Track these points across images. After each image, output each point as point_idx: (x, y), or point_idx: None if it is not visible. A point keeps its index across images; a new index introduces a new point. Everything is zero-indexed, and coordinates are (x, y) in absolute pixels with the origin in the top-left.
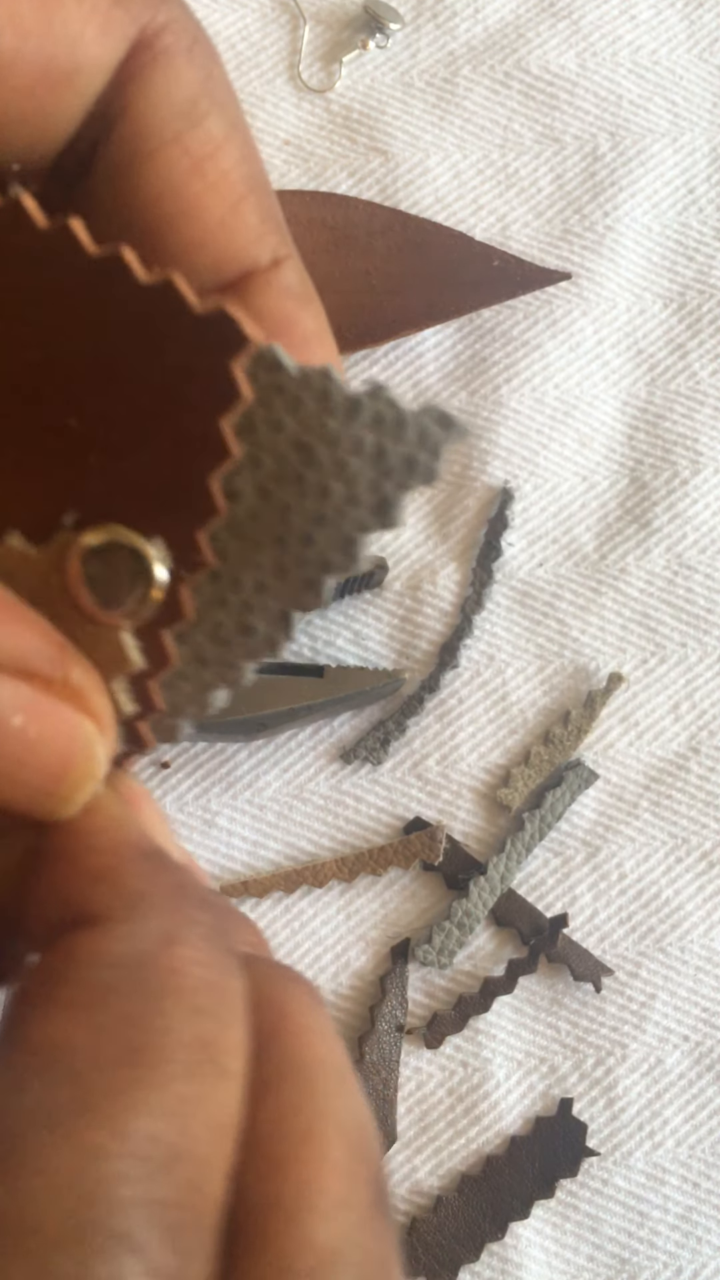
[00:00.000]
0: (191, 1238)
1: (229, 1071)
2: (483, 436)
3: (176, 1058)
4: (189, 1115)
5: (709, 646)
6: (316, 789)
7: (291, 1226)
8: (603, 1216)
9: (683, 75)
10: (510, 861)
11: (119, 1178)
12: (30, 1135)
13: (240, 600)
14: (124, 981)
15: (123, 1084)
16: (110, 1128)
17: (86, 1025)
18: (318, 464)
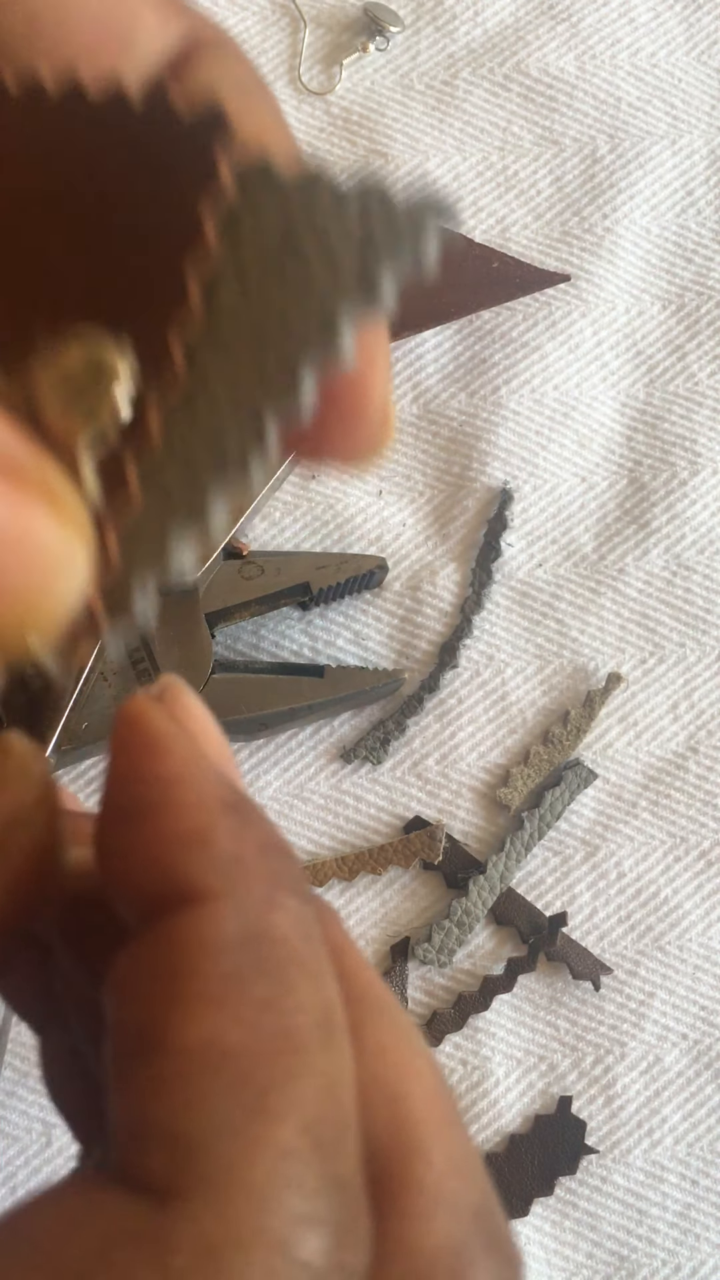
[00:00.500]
0: (357, 1199)
1: (344, 1027)
2: (482, 438)
3: (315, 1033)
4: (340, 1086)
5: (707, 646)
6: (317, 788)
7: (419, 1158)
8: (602, 1214)
9: (681, 78)
10: (509, 860)
11: (304, 1168)
12: (221, 1148)
13: (215, 419)
14: (249, 964)
15: (283, 1075)
16: (289, 1122)
17: (234, 1020)
18: (302, 255)
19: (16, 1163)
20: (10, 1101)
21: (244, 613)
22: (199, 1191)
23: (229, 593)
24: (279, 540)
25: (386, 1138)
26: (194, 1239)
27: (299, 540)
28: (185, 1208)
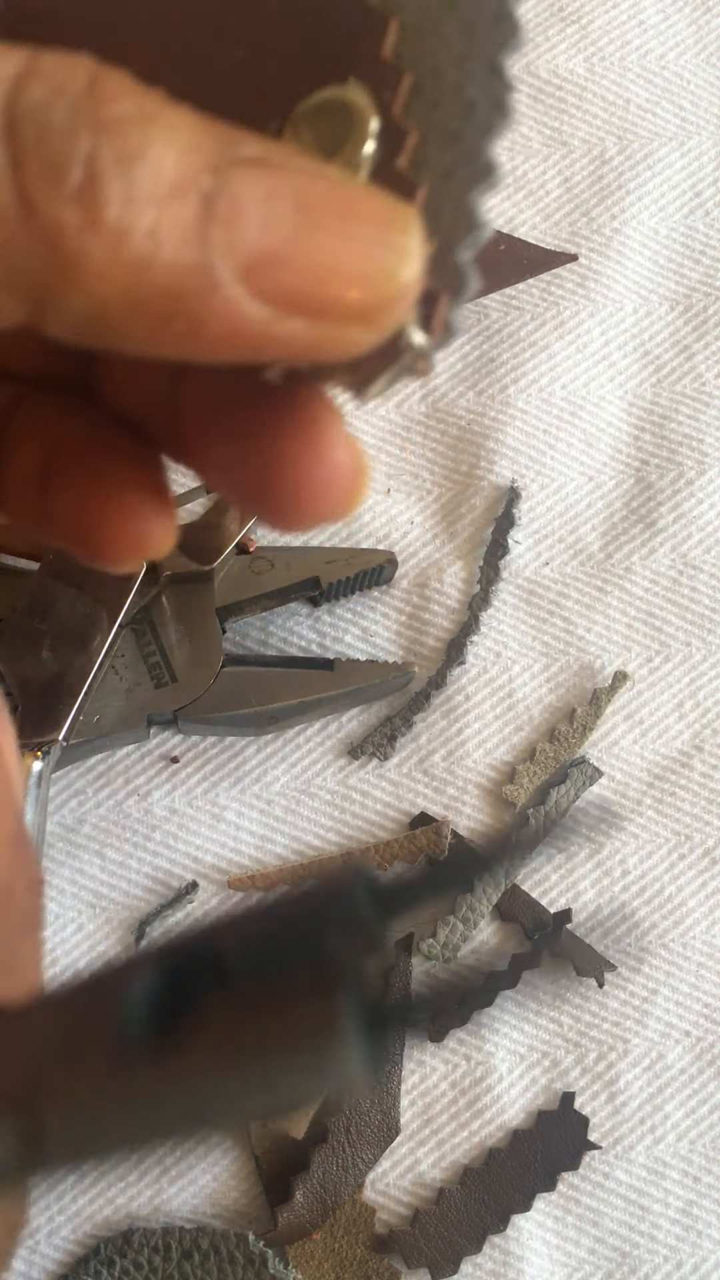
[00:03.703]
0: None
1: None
2: (490, 436)
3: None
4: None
5: (713, 645)
6: (324, 784)
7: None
8: (604, 1210)
9: (690, 80)
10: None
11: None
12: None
13: (449, 86)
14: None
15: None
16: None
17: None
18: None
19: None
20: None
21: (254, 608)
22: None
23: (239, 588)
24: (287, 538)
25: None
26: None
27: (307, 538)
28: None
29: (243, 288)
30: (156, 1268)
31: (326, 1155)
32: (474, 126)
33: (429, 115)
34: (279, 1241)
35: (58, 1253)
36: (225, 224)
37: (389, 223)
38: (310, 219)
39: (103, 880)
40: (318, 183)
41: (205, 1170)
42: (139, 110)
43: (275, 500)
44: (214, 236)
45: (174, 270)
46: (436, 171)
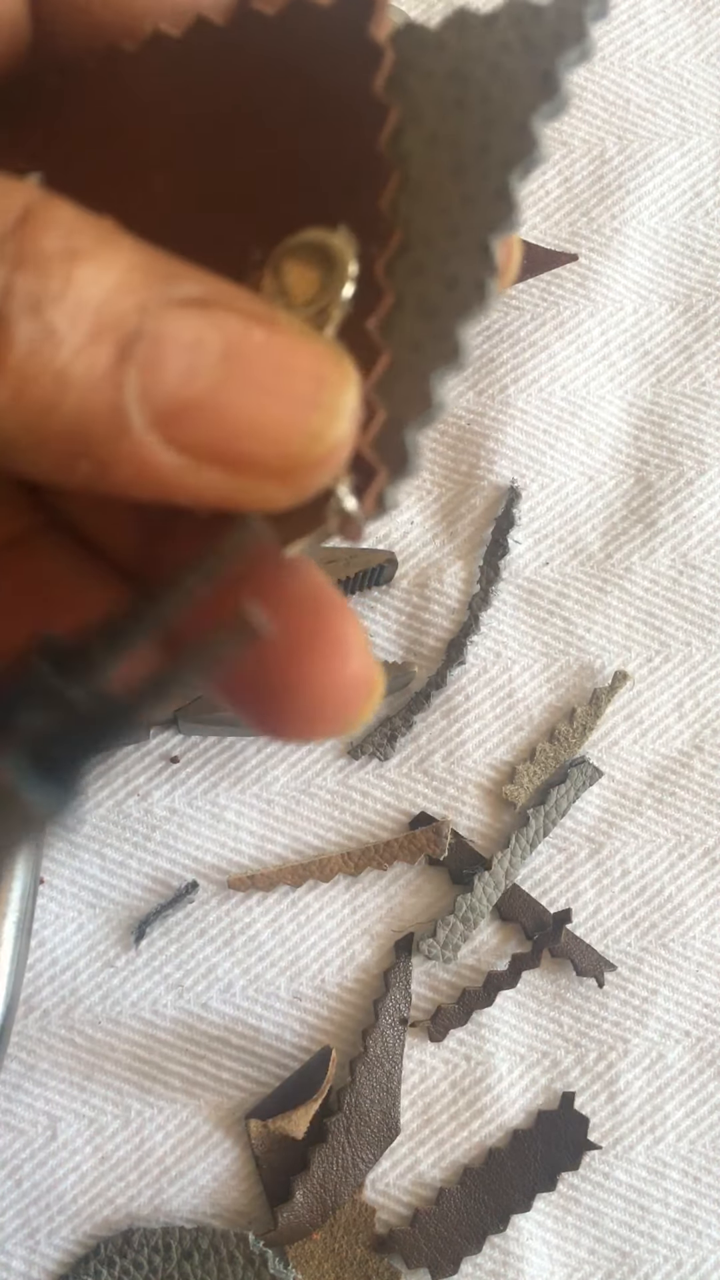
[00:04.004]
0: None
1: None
2: (490, 436)
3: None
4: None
5: (713, 645)
6: (324, 784)
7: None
8: (604, 1210)
9: (690, 80)
10: (515, 857)
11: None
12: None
13: (436, 255)
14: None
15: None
16: None
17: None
18: (474, 80)
19: (22, 1155)
20: (15, 1095)
21: None
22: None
23: None
24: None
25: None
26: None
27: None
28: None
29: (156, 435)
30: (156, 1268)
31: (326, 1155)
32: (452, 304)
33: (411, 281)
34: (279, 1241)
35: (58, 1253)
36: (143, 369)
37: (323, 381)
38: (236, 370)
39: (103, 880)
40: (254, 331)
41: (205, 1170)
42: (67, 247)
43: (271, 708)
44: (129, 381)
45: (82, 413)
46: (405, 341)
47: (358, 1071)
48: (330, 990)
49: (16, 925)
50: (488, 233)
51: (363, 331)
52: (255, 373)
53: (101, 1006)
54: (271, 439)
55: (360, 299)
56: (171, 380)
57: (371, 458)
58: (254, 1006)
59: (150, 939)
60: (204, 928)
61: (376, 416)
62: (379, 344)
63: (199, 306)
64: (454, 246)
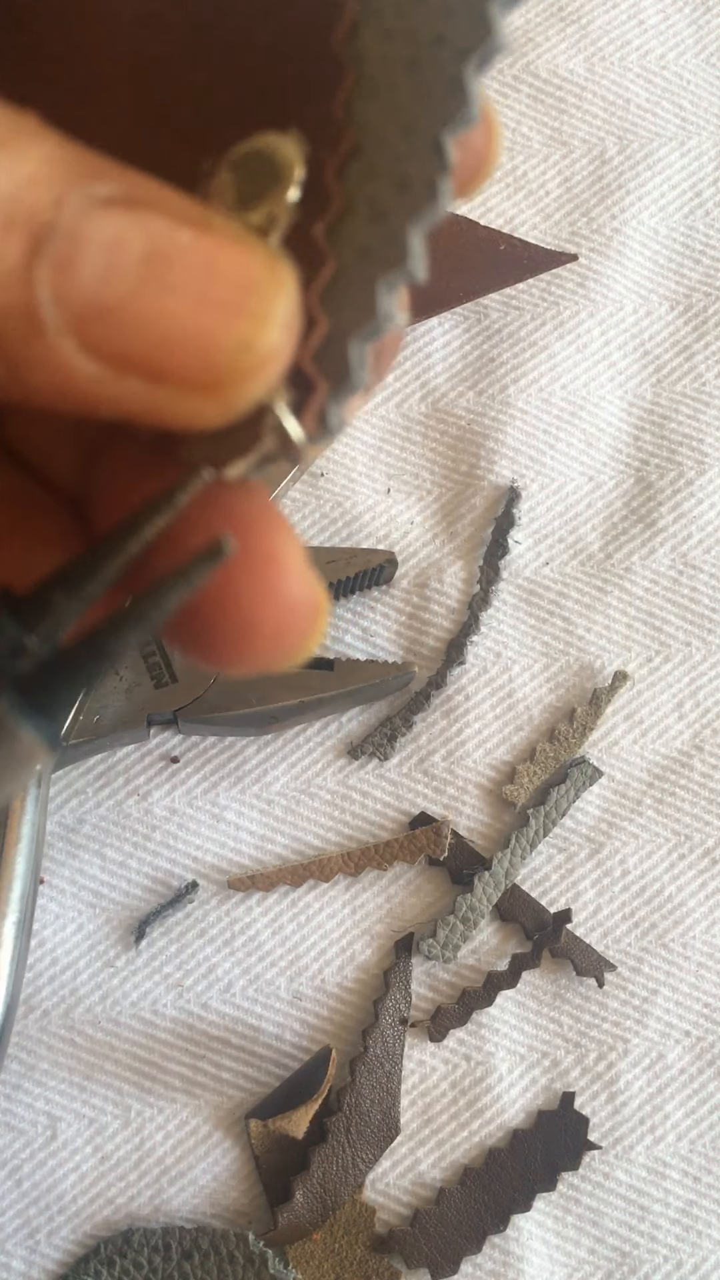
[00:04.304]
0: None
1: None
2: (490, 436)
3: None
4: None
5: (713, 645)
6: (324, 784)
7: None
8: (604, 1210)
9: (690, 80)
10: (515, 857)
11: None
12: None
13: (389, 157)
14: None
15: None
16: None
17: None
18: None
19: (22, 1155)
20: (15, 1095)
21: None
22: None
23: None
24: None
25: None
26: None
27: (307, 538)
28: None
29: (72, 339)
30: (156, 1268)
31: (326, 1155)
32: (402, 206)
33: (364, 185)
34: (279, 1241)
35: (58, 1253)
36: (57, 267)
37: (253, 286)
38: (158, 272)
39: (103, 880)
40: (181, 232)
41: (205, 1170)
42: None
43: (207, 635)
44: (41, 278)
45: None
46: (354, 247)
47: (358, 1071)
48: (330, 990)
49: (16, 925)
50: (440, 128)
51: (309, 238)
52: (179, 276)
53: (101, 1006)
54: (196, 347)
55: (309, 205)
56: (88, 281)
57: (311, 371)
58: (254, 1006)
59: (150, 939)
60: (204, 928)
61: (318, 327)
62: (324, 250)
63: (122, 205)
64: (407, 146)
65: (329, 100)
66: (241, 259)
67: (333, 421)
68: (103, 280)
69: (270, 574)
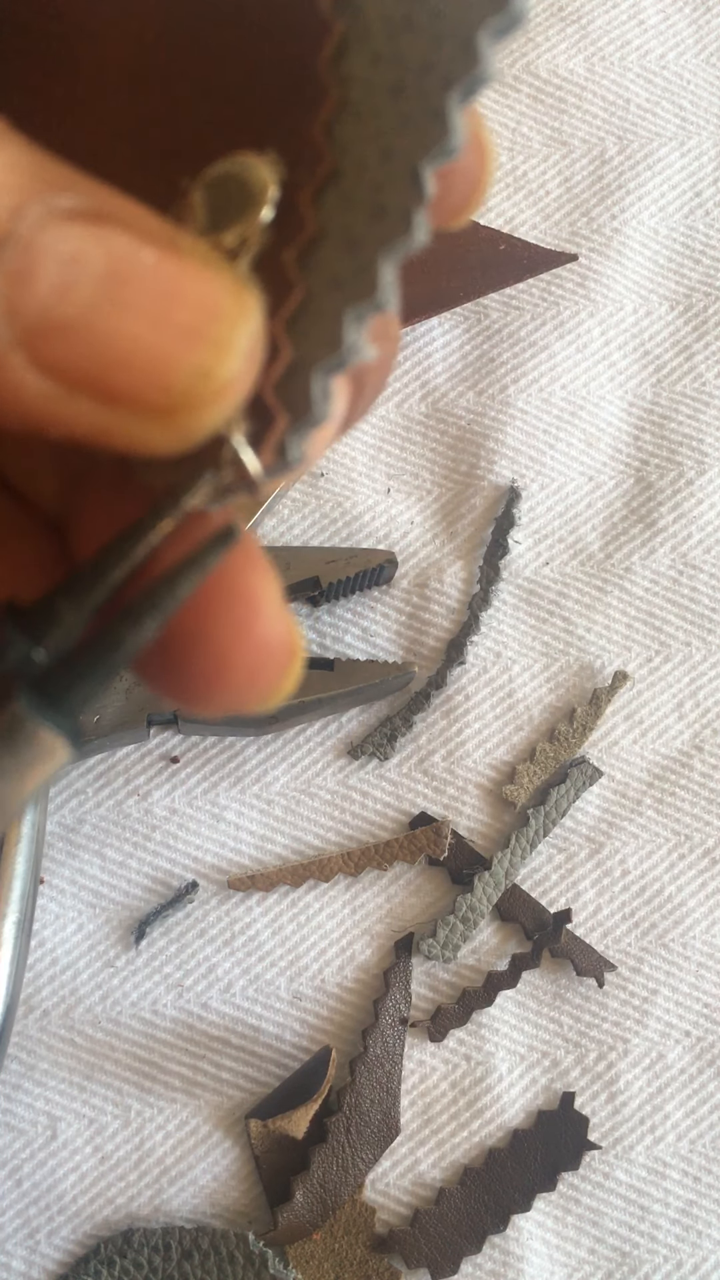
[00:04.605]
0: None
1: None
2: (490, 436)
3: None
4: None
5: (713, 645)
6: (324, 784)
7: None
8: (604, 1210)
9: (690, 80)
10: (515, 857)
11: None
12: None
13: (367, 184)
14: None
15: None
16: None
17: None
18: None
19: (22, 1155)
20: (15, 1095)
21: None
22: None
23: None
24: (287, 538)
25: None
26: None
27: (307, 538)
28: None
29: (22, 354)
30: (156, 1268)
31: (326, 1155)
32: (376, 235)
33: (340, 212)
34: (279, 1241)
35: (58, 1253)
36: (11, 277)
37: (215, 313)
38: (117, 291)
39: (103, 880)
40: (144, 251)
41: (205, 1170)
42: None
43: (178, 675)
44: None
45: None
46: (326, 276)
47: (358, 1071)
48: (330, 990)
49: (16, 925)
50: (419, 158)
51: (279, 264)
52: (138, 297)
53: (101, 1006)
54: (151, 372)
55: (282, 229)
56: (42, 294)
57: (272, 402)
58: (254, 1006)
59: (150, 939)
60: (204, 928)
61: (282, 356)
62: (293, 276)
63: (85, 219)
64: (385, 174)
65: (309, 122)
66: (206, 283)
67: (292, 455)
68: (58, 295)
69: (244, 613)
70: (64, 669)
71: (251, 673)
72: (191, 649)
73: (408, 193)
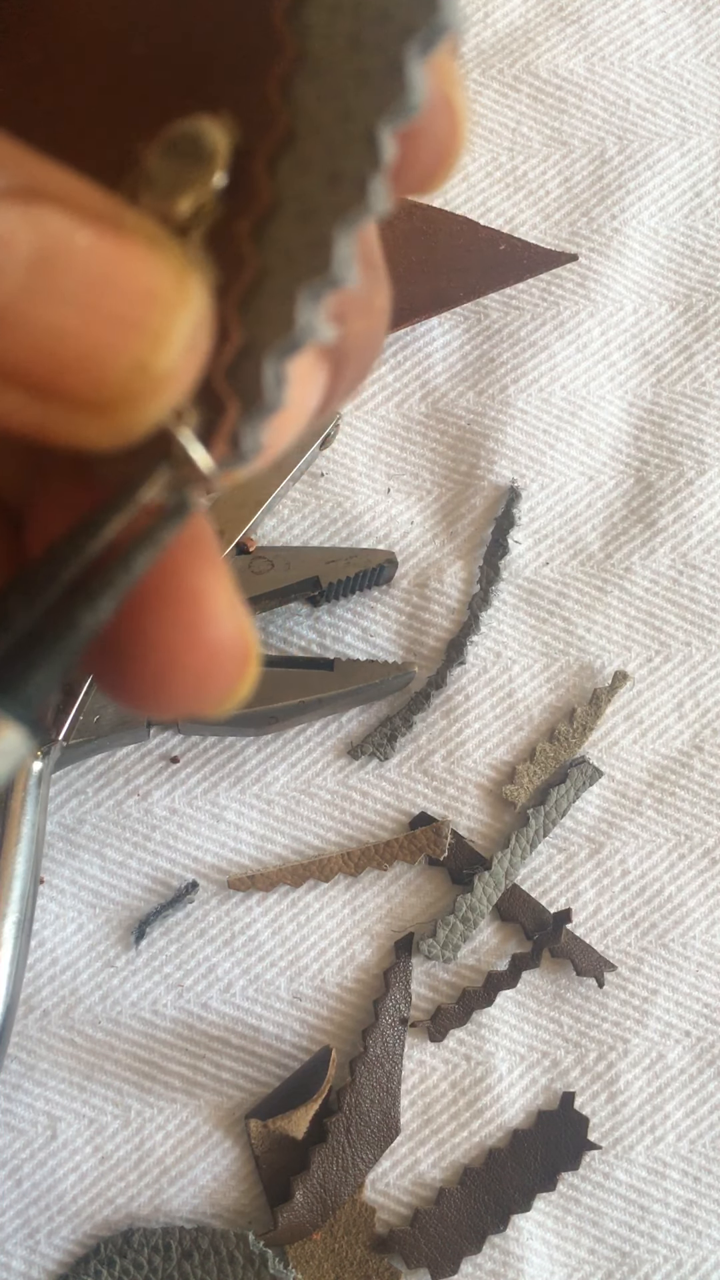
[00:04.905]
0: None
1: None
2: (490, 436)
3: None
4: None
5: (713, 645)
6: (324, 784)
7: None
8: (604, 1210)
9: (690, 80)
10: (515, 857)
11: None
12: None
13: (324, 148)
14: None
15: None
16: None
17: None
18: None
19: (22, 1155)
20: (15, 1095)
21: (254, 608)
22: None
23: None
24: (287, 538)
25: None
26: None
27: (307, 538)
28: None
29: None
30: (156, 1268)
31: (326, 1155)
32: (331, 204)
33: (293, 179)
34: (279, 1241)
35: (58, 1253)
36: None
37: (153, 299)
38: (45, 278)
39: (103, 880)
40: (80, 233)
41: (205, 1170)
42: None
43: (122, 676)
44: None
45: None
46: (279, 249)
47: (358, 1071)
48: (330, 990)
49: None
50: (375, 118)
51: (233, 236)
52: (69, 284)
53: (101, 1006)
54: (83, 365)
55: (236, 198)
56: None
57: (222, 389)
58: (254, 1006)
59: (150, 939)
60: (204, 928)
61: (232, 339)
62: (246, 251)
63: (18, 198)
64: (343, 136)
65: (264, 79)
66: (145, 267)
67: (247, 445)
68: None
69: (192, 613)
70: (18, 656)
71: (201, 676)
72: (136, 650)
73: (364, 157)
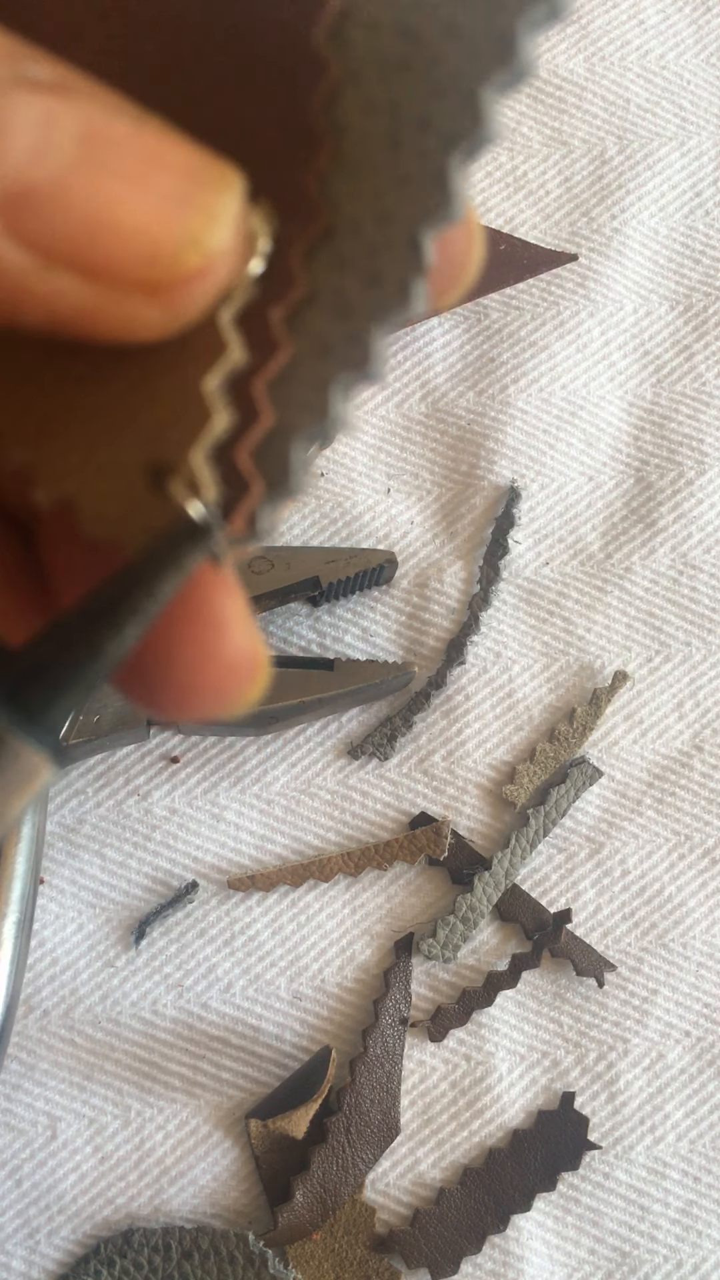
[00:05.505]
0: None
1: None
2: (490, 436)
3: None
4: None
5: (713, 645)
6: (324, 784)
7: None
8: (604, 1210)
9: (690, 80)
10: (515, 857)
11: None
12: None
13: (363, 246)
14: None
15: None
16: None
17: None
18: (424, 38)
19: (22, 1155)
20: (15, 1095)
21: (254, 607)
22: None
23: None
24: (287, 538)
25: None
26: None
27: (307, 538)
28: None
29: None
30: (156, 1268)
31: (326, 1155)
32: (369, 303)
33: (332, 275)
34: (279, 1241)
35: (58, 1253)
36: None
37: (200, 178)
38: (95, 153)
39: (103, 880)
40: (119, 121)
41: (205, 1170)
42: None
43: (148, 691)
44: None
45: None
46: (314, 341)
47: (358, 1071)
48: (330, 990)
49: (16, 925)
50: (418, 225)
51: (265, 320)
52: (119, 159)
53: (101, 1006)
54: (137, 238)
55: (271, 284)
56: (15, 157)
57: (246, 468)
58: (254, 1006)
59: (150, 939)
60: (204, 928)
61: (261, 421)
62: (278, 337)
63: (56, 91)
64: (382, 237)
65: (303, 173)
66: (184, 151)
67: (263, 525)
68: (32, 158)
69: (211, 636)
70: (43, 683)
71: (219, 688)
72: (160, 668)
73: (406, 261)
